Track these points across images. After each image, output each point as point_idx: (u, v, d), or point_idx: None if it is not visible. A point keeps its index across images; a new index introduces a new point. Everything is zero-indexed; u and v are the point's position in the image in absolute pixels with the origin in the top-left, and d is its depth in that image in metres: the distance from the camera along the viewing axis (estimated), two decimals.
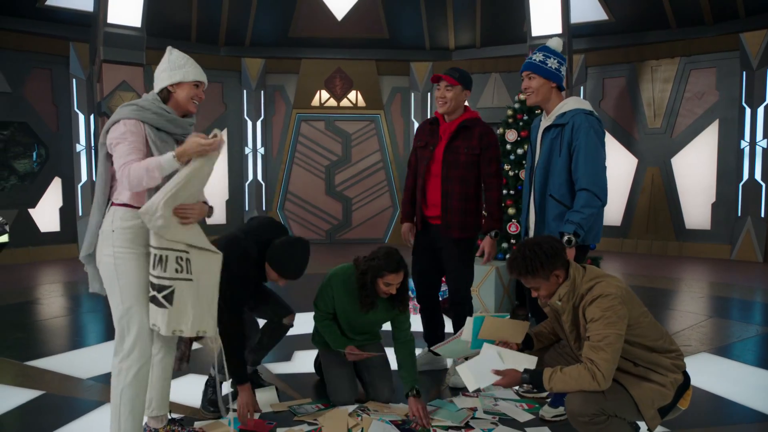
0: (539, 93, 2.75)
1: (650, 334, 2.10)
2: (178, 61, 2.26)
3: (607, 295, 2.03)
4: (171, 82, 2.25)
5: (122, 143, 2.13)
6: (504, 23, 8.96)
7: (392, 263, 2.68)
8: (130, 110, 2.19)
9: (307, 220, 9.37)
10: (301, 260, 2.71)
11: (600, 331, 2.00)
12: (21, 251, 7.39)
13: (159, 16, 8.03)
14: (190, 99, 2.27)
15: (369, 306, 2.77)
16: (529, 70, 2.75)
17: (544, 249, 2.09)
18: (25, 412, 2.85)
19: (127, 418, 2.21)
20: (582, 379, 2.02)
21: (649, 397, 2.06)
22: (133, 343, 2.19)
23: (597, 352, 2.00)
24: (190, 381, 3.17)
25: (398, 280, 2.71)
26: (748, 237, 7.55)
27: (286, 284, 2.78)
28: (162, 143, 2.19)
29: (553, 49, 2.78)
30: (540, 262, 2.08)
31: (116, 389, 2.22)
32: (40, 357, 3.63)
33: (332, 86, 9.30)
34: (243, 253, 2.62)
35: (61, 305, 5.10)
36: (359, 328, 2.95)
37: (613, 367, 2.00)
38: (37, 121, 7.59)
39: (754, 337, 4.16)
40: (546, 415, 2.75)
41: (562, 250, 2.15)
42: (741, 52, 7.52)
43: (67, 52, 7.72)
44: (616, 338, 1.99)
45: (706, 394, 3.06)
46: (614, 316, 2.00)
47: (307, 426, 2.64)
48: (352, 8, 9.08)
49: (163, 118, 2.21)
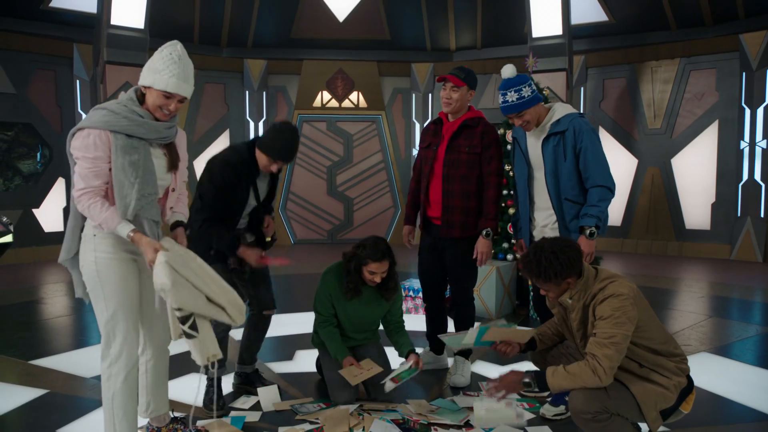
0: (536, 118, 2.84)
1: (657, 337, 2.13)
2: (158, 64, 2.07)
3: (619, 295, 2.05)
4: (143, 84, 2.11)
5: (82, 161, 2.03)
6: (505, 24, 8.98)
7: (377, 252, 2.73)
8: (99, 117, 2.05)
9: (309, 220, 9.40)
10: (288, 139, 2.65)
11: (607, 329, 2.03)
12: (25, 251, 7.43)
13: (162, 18, 8.08)
14: (157, 107, 2.11)
15: (353, 292, 2.84)
16: (516, 111, 2.79)
17: (560, 259, 2.09)
18: (29, 410, 2.88)
19: (122, 420, 2.20)
20: (583, 374, 2.04)
21: (652, 398, 2.08)
22: (120, 349, 2.16)
23: (601, 349, 2.03)
24: (192, 380, 3.20)
25: (382, 269, 2.77)
26: (747, 237, 7.57)
27: (278, 168, 2.72)
28: (132, 149, 2.05)
29: (515, 76, 2.82)
30: (554, 272, 2.10)
31: (107, 394, 2.19)
32: (44, 356, 3.67)
33: (334, 87, 9.33)
34: (222, 162, 2.63)
35: (64, 304, 5.15)
36: (359, 324, 2.99)
37: (614, 365, 2.03)
38: (41, 122, 7.64)
39: (753, 336, 4.17)
40: (547, 413, 2.78)
41: (579, 260, 2.15)
42: (741, 53, 7.54)
43: (70, 53, 7.77)
44: (623, 338, 2.02)
45: (706, 394, 3.07)
46: (624, 316, 2.02)
47: (309, 425, 2.66)
48: (354, 9, 9.10)
49: (134, 123, 2.07)
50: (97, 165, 2.04)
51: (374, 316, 3.01)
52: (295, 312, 4.81)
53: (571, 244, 2.19)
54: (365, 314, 2.96)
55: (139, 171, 2.07)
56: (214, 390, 2.83)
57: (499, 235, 4.90)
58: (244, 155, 2.70)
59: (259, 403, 2.92)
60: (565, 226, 2.83)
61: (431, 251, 3.25)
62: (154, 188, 2.14)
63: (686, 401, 2.17)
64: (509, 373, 2.25)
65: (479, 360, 3.61)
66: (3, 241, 4.04)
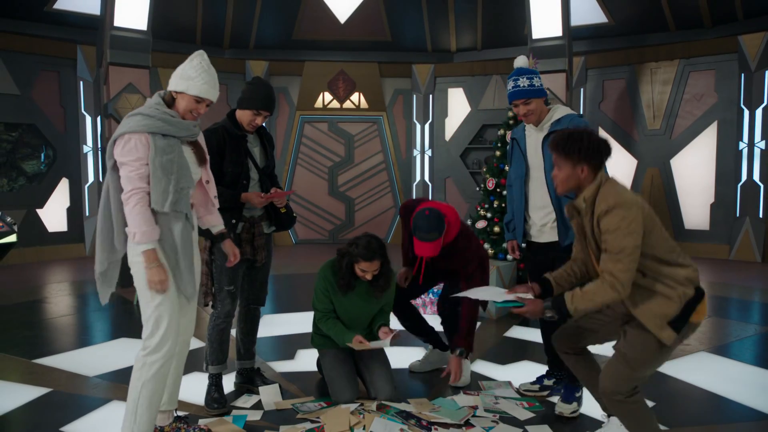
0: (536, 112, 2.87)
1: (661, 245, 2.12)
2: (190, 72, 2.29)
3: (623, 205, 2.05)
4: (175, 89, 2.31)
5: (127, 165, 2.19)
6: (505, 26, 9.01)
7: (368, 252, 2.78)
8: (136, 122, 2.21)
9: (311, 220, 9.44)
10: (266, 88, 2.82)
11: (617, 242, 2.04)
12: (29, 251, 7.48)
13: (165, 20, 8.12)
14: (188, 111, 2.32)
15: (346, 287, 2.90)
16: (526, 96, 2.84)
17: (590, 141, 2.13)
18: (32, 408, 2.91)
19: (144, 412, 2.25)
20: (603, 292, 2.06)
21: (655, 314, 2.09)
22: (162, 339, 2.25)
23: (615, 264, 2.04)
24: (195, 379, 3.23)
25: (372, 268, 2.82)
26: (746, 237, 7.59)
27: (263, 121, 2.84)
28: (169, 148, 2.24)
29: (528, 67, 2.89)
30: (578, 148, 2.13)
31: (137, 382, 2.26)
32: (48, 355, 3.70)
33: (335, 88, 9.37)
34: (206, 133, 2.71)
35: (68, 304, 5.17)
36: (357, 319, 3.03)
37: (630, 276, 2.04)
38: (45, 123, 7.68)
39: (752, 336, 4.20)
40: (564, 411, 2.80)
41: (601, 156, 2.17)
42: (739, 54, 7.56)
43: (74, 54, 7.82)
44: (633, 248, 2.03)
45: (705, 393, 3.10)
46: (630, 226, 2.03)
47: (310, 423, 2.69)
48: (355, 11, 9.14)
49: (168, 123, 2.25)
50: (140, 167, 2.20)
51: (371, 310, 3.04)
52: (296, 311, 4.85)
53: (603, 140, 2.20)
54: (361, 307, 3.00)
55: (175, 167, 2.25)
56: (215, 390, 2.87)
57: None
58: (223, 122, 2.86)
59: (260, 401, 2.95)
60: (564, 224, 2.85)
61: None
62: (189, 182, 2.32)
63: (696, 311, 2.13)
64: (530, 301, 2.25)
65: (479, 360, 3.64)
66: (7, 240, 4.07)
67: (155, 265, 2.21)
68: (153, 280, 2.21)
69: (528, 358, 3.71)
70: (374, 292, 2.93)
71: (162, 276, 2.21)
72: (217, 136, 2.79)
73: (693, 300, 2.12)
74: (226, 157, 2.80)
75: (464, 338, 2.98)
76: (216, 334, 2.91)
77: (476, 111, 9.19)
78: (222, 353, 2.93)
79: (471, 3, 9.06)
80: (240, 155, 2.83)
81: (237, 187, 2.82)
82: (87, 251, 7.98)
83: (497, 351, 3.85)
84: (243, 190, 2.83)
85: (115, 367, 3.47)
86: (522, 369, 3.50)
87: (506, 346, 3.99)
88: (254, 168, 2.90)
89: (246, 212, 2.87)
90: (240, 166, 2.83)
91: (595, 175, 2.17)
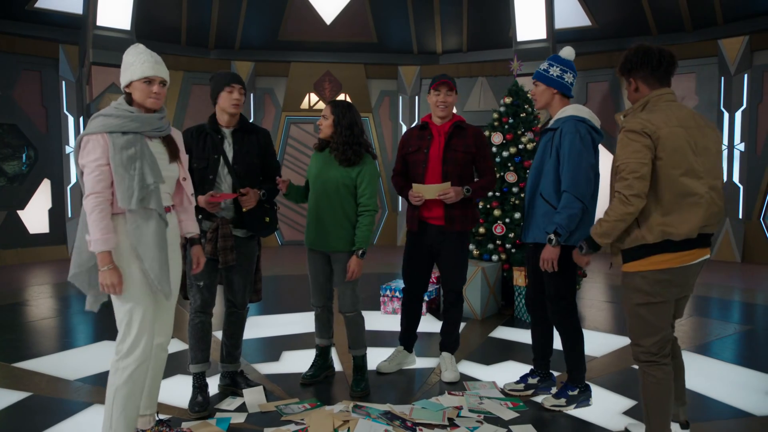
0: (541, 99, 2.94)
1: (663, 194, 2.14)
2: (128, 59, 2.24)
3: (631, 130, 2.14)
4: (123, 85, 2.26)
5: (86, 168, 2.16)
6: (490, 28, 9.08)
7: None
8: (95, 124, 2.19)
9: (297, 221, 9.40)
10: (222, 72, 2.94)
11: (622, 160, 2.15)
12: (10, 253, 7.37)
13: (148, 19, 8.06)
14: (145, 98, 2.23)
15: (319, 147, 3.14)
16: (535, 77, 2.95)
17: (649, 54, 2.21)
18: (12, 413, 2.87)
19: (119, 417, 2.21)
20: (614, 207, 2.17)
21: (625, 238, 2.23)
22: (133, 344, 2.21)
23: (620, 181, 2.16)
24: (178, 382, 3.21)
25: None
26: (726, 238, 7.71)
27: (241, 100, 2.87)
28: (129, 144, 2.17)
29: (564, 57, 2.93)
30: (631, 65, 2.23)
31: (111, 388, 2.23)
32: (29, 358, 3.65)
33: (321, 89, 9.36)
34: (183, 134, 2.74)
35: (49, 307, 5.10)
36: (320, 183, 3.07)
37: (637, 190, 2.11)
38: (27, 123, 7.59)
39: (732, 335, 4.27)
40: (546, 403, 2.87)
41: (655, 71, 2.22)
42: (719, 58, 7.69)
43: (56, 54, 7.73)
44: (637, 165, 2.11)
45: (686, 391, 3.14)
46: (634, 145, 2.12)
47: (294, 425, 2.68)
48: (341, 12, 9.15)
49: (127, 119, 2.19)
50: (99, 169, 2.15)
51: (332, 178, 3.04)
52: (281, 313, 4.82)
53: (654, 52, 2.25)
54: (321, 169, 3.07)
55: (137, 163, 2.17)
56: (198, 392, 2.85)
57: (481, 223, 4.98)
58: (201, 123, 2.94)
59: (244, 404, 2.94)
60: (531, 215, 2.88)
61: (422, 254, 3.32)
62: (157, 177, 2.23)
63: (650, 260, 2.18)
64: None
65: (464, 360, 3.66)
66: None
67: (108, 267, 2.15)
68: (105, 283, 2.16)
69: (512, 358, 3.74)
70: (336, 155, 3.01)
71: (114, 279, 2.16)
72: (189, 133, 2.85)
73: (652, 246, 2.17)
74: (192, 152, 2.83)
75: (473, 184, 3.24)
76: (191, 329, 2.92)
77: (462, 113, 9.24)
78: (200, 351, 2.92)
79: (457, 5, 9.11)
80: (205, 150, 2.86)
81: (204, 183, 2.83)
82: (69, 253, 7.88)
83: (482, 351, 3.88)
84: (210, 186, 2.84)
85: (97, 370, 3.43)
86: (506, 369, 3.53)
87: (490, 346, 4.01)
88: (225, 165, 2.88)
89: (219, 213, 2.88)
90: (204, 161, 2.85)
91: (649, 89, 2.24)
